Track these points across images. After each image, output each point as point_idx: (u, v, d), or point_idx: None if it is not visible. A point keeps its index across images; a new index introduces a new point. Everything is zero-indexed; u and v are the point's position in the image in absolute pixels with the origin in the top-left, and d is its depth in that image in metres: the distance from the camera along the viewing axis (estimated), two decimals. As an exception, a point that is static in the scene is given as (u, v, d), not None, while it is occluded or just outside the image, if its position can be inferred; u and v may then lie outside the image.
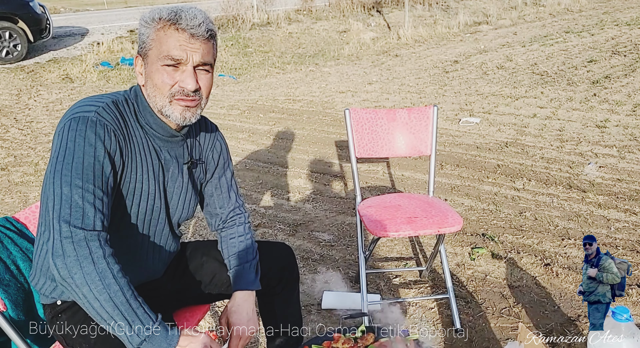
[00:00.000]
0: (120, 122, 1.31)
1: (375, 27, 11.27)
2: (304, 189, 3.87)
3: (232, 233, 1.63)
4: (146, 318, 1.15)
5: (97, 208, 1.19)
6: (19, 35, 8.76)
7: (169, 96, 1.31)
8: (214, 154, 1.59)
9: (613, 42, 8.23)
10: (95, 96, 1.36)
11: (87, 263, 1.13)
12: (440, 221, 2.12)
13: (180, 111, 1.33)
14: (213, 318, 2.47)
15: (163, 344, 1.15)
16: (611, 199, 3.36)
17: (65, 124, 1.25)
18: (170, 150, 1.43)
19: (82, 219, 1.17)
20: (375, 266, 2.85)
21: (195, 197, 1.56)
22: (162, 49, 1.28)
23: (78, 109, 1.28)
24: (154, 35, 1.30)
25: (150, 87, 1.33)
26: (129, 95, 1.39)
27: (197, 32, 1.29)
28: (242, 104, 6.36)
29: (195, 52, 1.30)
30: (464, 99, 5.96)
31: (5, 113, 6.36)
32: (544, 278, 2.61)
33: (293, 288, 1.71)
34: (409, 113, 2.50)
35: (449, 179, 3.87)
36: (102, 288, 1.12)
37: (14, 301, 1.50)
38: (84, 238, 1.15)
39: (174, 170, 1.45)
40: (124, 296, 1.13)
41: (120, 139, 1.29)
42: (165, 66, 1.29)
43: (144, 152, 1.37)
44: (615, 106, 5.21)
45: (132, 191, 1.35)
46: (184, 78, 1.30)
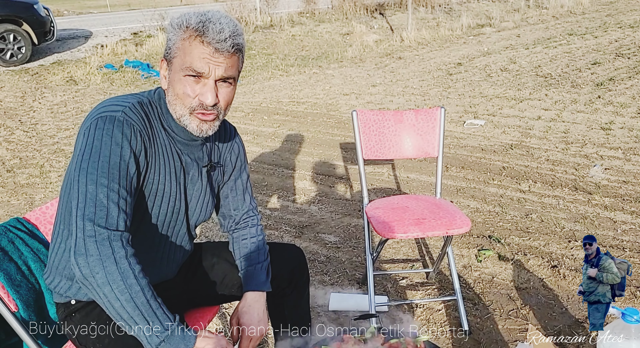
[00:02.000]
0: (145, 123, 1.31)
1: (378, 30, 11.28)
2: (309, 191, 3.87)
3: (245, 234, 1.63)
4: (165, 319, 1.16)
5: (120, 207, 1.20)
6: (23, 38, 8.78)
7: (189, 108, 1.32)
8: (232, 157, 1.60)
9: (617, 44, 8.22)
10: (121, 96, 1.36)
11: (109, 262, 1.13)
12: (449, 222, 2.12)
13: (197, 123, 1.34)
14: (221, 319, 2.47)
15: (180, 345, 1.16)
16: (617, 202, 3.36)
17: (92, 122, 1.25)
18: (190, 153, 1.44)
19: (106, 218, 1.17)
20: (382, 268, 2.85)
21: (212, 199, 1.57)
22: (185, 59, 1.27)
23: (104, 109, 1.28)
24: (179, 43, 1.29)
25: (171, 95, 1.33)
26: (152, 97, 1.39)
27: (222, 47, 1.27)
28: (246, 106, 6.37)
29: (218, 67, 1.28)
30: (468, 101, 5.96)
31: (10, 115, 6.38)
32: (551, 280, 2.61)
33: (303, 290, 1.71)
34: (416, 115, 2.50)
35: (455, 181, 3.87)
36: (124, 288, 1.12)
37: (25, 302, 1.50)
38: (107, 238, 1.15)
39: (194, 173, 1.46)
40: (144, 296, 1.14)
41: (146, 139, 1.30)
42: (188, 77, 1.29)
43: (167, 154, 1.37)
44: (620, 108, 5.20)
45: (155, 193, 1.35)
46: (203, 92, 1.30)
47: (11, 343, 1.53)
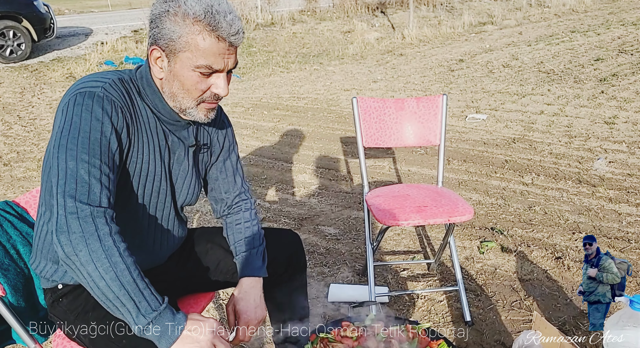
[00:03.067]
0: (126, 100, 1.25)
1: (380, 28, 11.23)
2: (309, 185, 3.82)
3: (238, 219, 1.58)
4: (153, 300, 1.10)
5: (103, 184, 1.14)
6: (23, 35, 8.75)
7: (198, 100, 1.27)
8: (219, 137, 1.54)
9: (619, 41, 8.16)
10: (100, 73, 1.30)
11: (93, 239, 1.06)
12: (451, 210, 2.07)
13: (205, 113, 1.31)
14: (217, 310, 2.42)
15: (170, 326, 1.10)
16: (622, 194, 3.31)
17: (71, 98, 1.19)
18: (176, 132, 1.39)
19: (87, 194, 1.10)
20: (383, 259, 2.79)
21: (199, 181, 1.51)
22: (199, 56, 1.20)
23: (83, 85, 1.22)
24: (188, 38, 1.19)
25: (176, 88, 1.26)
26: (133, 75, 1.32)
27: (236, 40, 1.22)
28: (246, 101, 6.32)
29: (230, 58, 1.25)
30: (470, 96, 5.90)
31: (8, 111, 6.34)
32: (555, 272, 2.56)
33: (300, 276, 1.66)
34: (417, 102, 2.45)
35: (457, 174, 3.82)
36: (109, 266, 1.06)
37: (13, 287, 1.45)
38: (90, 214, 1.09)
39: (180, 153, 1.40)
40: (130, 275, 1.07)
41: (128, 116, 1.24)
42: (200, 73, 1.23)
43: (151, 132, 1.32)
44: (623, 103, 5.15)
45: (139, 172, 1.30)
46: (218, 84, 1.25)
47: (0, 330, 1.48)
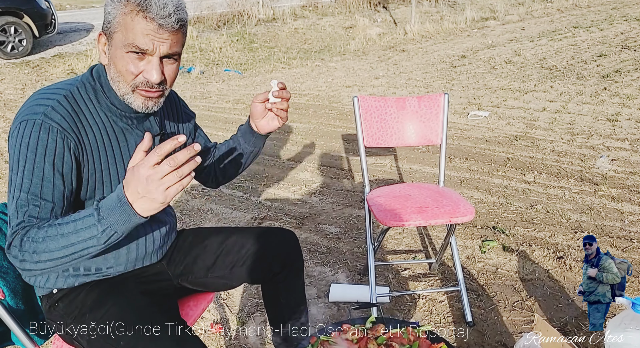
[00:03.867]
0: (72, 118, 1.26)
1: (382, 23, 11.19)
2: (310, 183, 3.81)
3: (220, 149, 1.66)
4: (87, 220, 1.08)
5: (26, 213, 1.19)
6: (24, 31, 8.73)
7: (132, 86, 1.26)
8: (185, 125, 1.58)
9: (622, 37, 8.12)
10: (49, 89, 1.30)
11: (16, 257, 1.15)
12: (452, 210, 2.06)
13: (142, 101, 1.28)
14: (218, 310, 2.42)
15: (116, 209, 1.06)
16: (624, 192, 3.29)
17: (15, 127, 1.23)
18: (139, 125, 1.39)
19: (11, 228, 1.18)
20: (384, 258, 2.79)
21: None
22: (127, 36, 1.21)
23: (28, 111, 1.24)
24: (120, 18, 1.21)
25: (113, 71, 1.27)
26: (88, 78, 1.33)
27: (166, 23, 1.21)
28: (248, 98, 6.30)
29: (163, 43, 1.22)
30: (472, 93, 5.88)
31: (10, 107, 6.34)
32: (557, 271, 2.55)
33: (297, 275, 1.65)
34: (419, 101, 2.44)
35: (458, 172, 3.80)
36: (45, 251, 1.11)
37: (12, 289, 1.45)
38: (10, 243, 1.16)
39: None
40: (63, 238, 1.10)
41: (72, 138, 1.25)
42: (131, 53, 1.23)
43: (109, 138, 1.33)
44: (626, 100, 5.12)
45: (101, 180, 1.32)
46: (149, 69, 1.24)
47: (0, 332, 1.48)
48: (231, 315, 2.37)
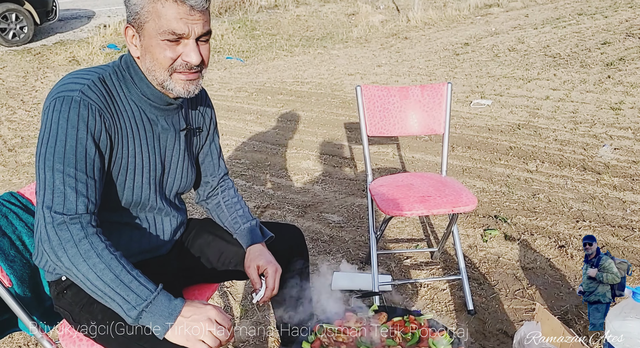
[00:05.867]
0: (107, 100, 1.26)
1: (384, 10, 11.11)
2: (312, 171, 3.82)
3: (225, 197, 1.63)
4: (142, 290, 1.13)
5: (79, 191, 1.18)
6: (26, 18, 8.69)
7: (169, 70, 1.26)
8: (206, 120, 1.57)
9: (627, 24, 8.05)
10: (82, 71, 1.30)
11: (69, 245, 1.13)
12: (454, 200, 2.07)
13: (182, 84, 1.29)
14: (222, 298, 2.44)
15: (164, 313, 1.13)
16: (627, 181, 3.29)
17: (50, 103, 1.22)
18: (167, 118, 1.39)
19: (63, 204, 1.16)
20: (386, 247, 2.80)
21: (193, 165, 1.53)
22: (161, 23, 1.21)
23: (63, 88, 1.23)
24: (149, 7, 1.21)
25: (149, 61, 1.27)
26: (119, 67, 1.33)
27: (197, 3, 1.22)
28: (250, 86, 6.29)
29: (196, 24, 1.23)
30: (475, 81, 5.86)
31: (12, 95, 6.33)
32: (558, 260, 2.56)
33: (303, 270, 1.67)
34: (422, 90, 2.44)
35: (461, 161, 3.81)
36: (88, 268, 1.13)
37: (19, 278, 1.46)
38: (64, 222, 1.14)
39: (171, 138, 1.42)
40: (112, 273, 1.13)
41: (107, 117, 1.25)
42: (167, 41, 1.23)
43: (137, 125, 1.33)
44: (630, 88, 5.10)
45: (127, 166, 1.32)
46: (187, 52, 1.25)
47: (5, 319, 1.50)
48: (234, 303, 2.39)
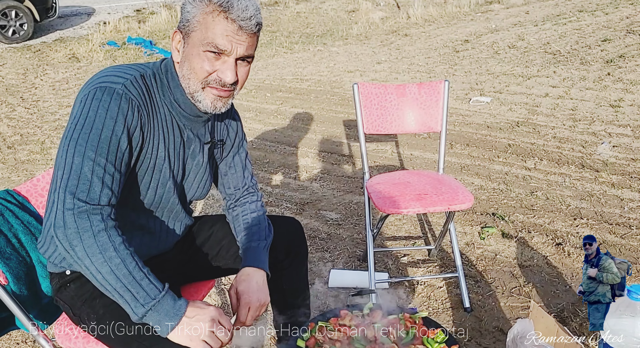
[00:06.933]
0: (145, 98, 1.27)
1: (385, 7, 11.09)
2: (311, 169, 3.82)
3: (245, 210, 1.58)
4: (151, 289, 1.14)
5: (105, 183, 1.17)
6: (25, 15, 8.69)
7: (203, 82, 1.27)
8: (231, 133, 1.56)
9: (628, 21, 8.03)
10: (123, 67, 1.31)
11: (87, 235, 1.11)
12: (451, 198, 2.07)
13: (211, 99, 1.29)
14: (219, 295, 2.45)
15: (169, 313, 1.14)
16: (625, 179, 3.29)
17: (90, 91, 1.21)
18: (194, 128, 1.41)
19: (87, 192, 1.14)
20: (383, 245, 2.81)
21: (211, 177, 1.54)
22: (207, 35, 1.23)
23: (105, 79, 1.24)
24: (200, 17, 1.23)
25: (186, 69, 1.28)
26: (158, 69, 1.34)
27: (247, 26, 1.23)
28: (249, 83, 6.29)
29: (240, 45, 1.24)
30: (475, 78, 5.85)
31: (12, 92, 6.34)
32: (555, 258, 2.57)
33: (301, 263, 1.67)
34: (419, 88, 2.44)
35: (459, 158, 3.81)
36: (103, 261, 1.11)
37: (15, 275, 1.47)
38: (86, 211, 1.13)
39: (195, 148, 1.43)
40: (126, 268, 1.13)
41: (144, 114, 1.26)
42: (208, 52, 1.24)
43: (167, 128, 1.34)
44: (629, 86, 5.09)
45: (152, 167, 1.32)
46: (224, 69, 1.26)
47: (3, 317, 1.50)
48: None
